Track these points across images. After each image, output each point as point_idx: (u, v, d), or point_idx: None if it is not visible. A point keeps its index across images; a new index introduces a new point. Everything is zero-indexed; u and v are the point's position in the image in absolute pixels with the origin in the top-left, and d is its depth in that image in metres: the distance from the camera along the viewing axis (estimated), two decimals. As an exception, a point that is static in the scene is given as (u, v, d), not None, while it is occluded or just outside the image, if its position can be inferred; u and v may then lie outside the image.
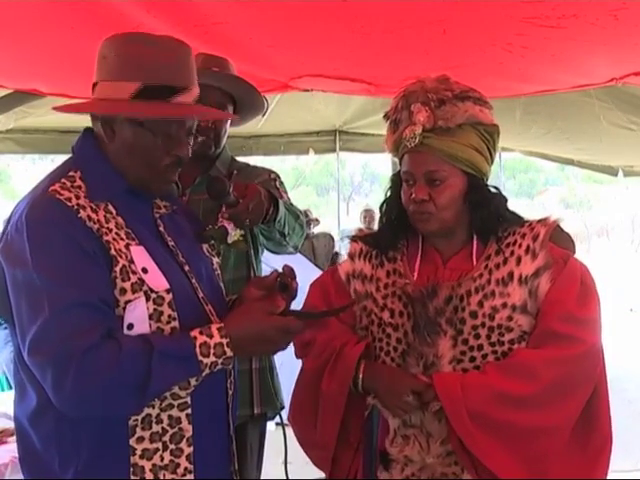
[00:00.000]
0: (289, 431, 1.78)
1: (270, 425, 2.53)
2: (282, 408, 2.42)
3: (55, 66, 3.23)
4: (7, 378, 4.78)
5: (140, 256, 1.49)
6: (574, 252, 1.89)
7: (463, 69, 2.77)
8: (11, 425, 1.80)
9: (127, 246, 1.48)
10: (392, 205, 1.86)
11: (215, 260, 1.75)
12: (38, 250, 1.40)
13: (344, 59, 3.04)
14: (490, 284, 1.73)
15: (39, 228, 1.42)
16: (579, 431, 1.70)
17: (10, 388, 4.43)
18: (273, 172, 2.46)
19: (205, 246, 1.74)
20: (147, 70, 1.48)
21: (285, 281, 1.65)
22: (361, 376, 1.76)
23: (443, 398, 1.66)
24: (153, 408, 1.48)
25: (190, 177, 2.37)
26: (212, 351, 1.45)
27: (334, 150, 7.10)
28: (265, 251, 2.49)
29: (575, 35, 2.57)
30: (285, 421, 1.84)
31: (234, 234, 2.01)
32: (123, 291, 1.45)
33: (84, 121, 1.61)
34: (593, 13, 2.36)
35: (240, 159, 2.56)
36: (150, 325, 1.47)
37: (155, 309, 1.48)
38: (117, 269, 1.45)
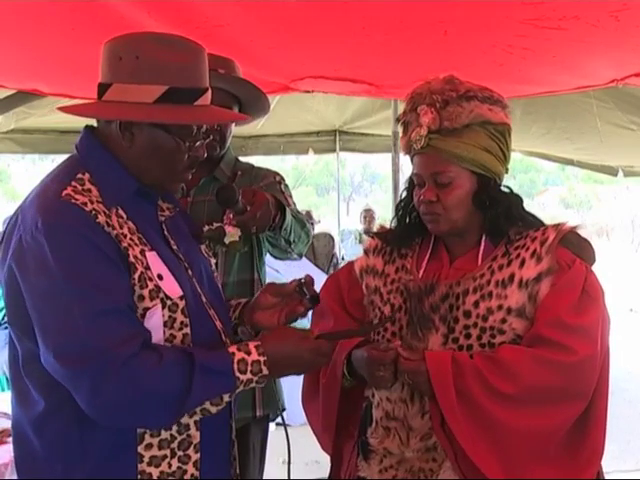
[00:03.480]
0: (289, 431, 1.78)
1: (270, 425, 2.53)
2: (283, 410, 2.43)
3: (56, 66, 3.23)
4: (7, 378, 4.77)
5: (155, 262, 1.48)
6: (594, 260, 1.81)
7: (464, 70, 2.76)
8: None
9: (142, 252, 1.46)
10: (406, 206, 1.87)
11: (212, 261, 1.74)
12: (63, 257, 1.37)
13: (345, 60, 3.04)
14: (489, 285, 1.72)
15: (60, 235, 1.38)
16: (568, 442, 1.67)
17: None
18: (278, 174, 2.46)
19: (203, 247, 1.73)
20: (171, 73, 1.45)
21: (312, 292, 1.66)
22: (345, 362, 1.78)
23: (432, 368, 1.64)
24: None
25: (194, 178, 2.36)
26: (249, 368, 1.45)
27: (334, 150, 7.10)
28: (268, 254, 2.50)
29: (576, 36, 2.56)
30: (287, 422, 1.85)
31: (230, 234, 2.02)
32: (141, 298, 1.43)
33: (85, 121, 1.57)
34: (594, 14, 2.36)
35: (241, 159, 2.56)
36: (164, 332, 1.46)
37: (170, 316, 1.47)
38: (136, 276, 1.43)
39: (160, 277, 1.47)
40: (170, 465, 1.48)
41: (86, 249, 1.38)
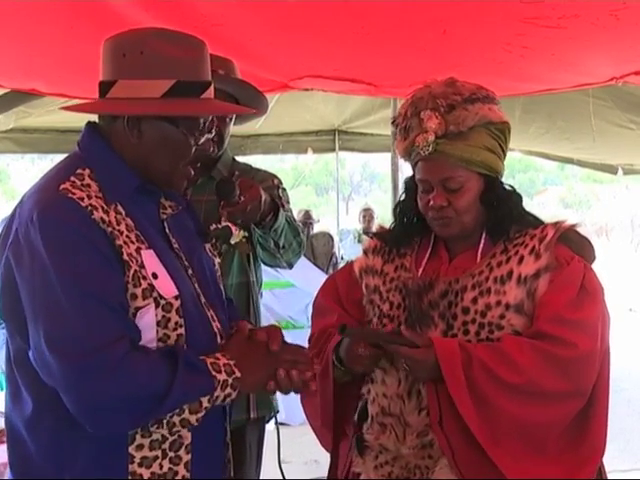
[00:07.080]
0: (289, 431, 1.78)
1: (270, 425, 2.54)
2: (277, 412, 2.45)
3: (54, 66, 3.23)
4: (7, 378, 4.75)
5: (150, 261, 1.46)
6: (594, 258, 1.81)
7: (463, 69, 2.76)
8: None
9: (138, 250, 1.45)
10: (406, 209, 1.87)
11: (217, 261, 1.73)
12: (56, 252, 1.36)
13: (344, 59, 3.04)
14: (488, 281, 1.72)
15: (54, 229, 1.37)
16: (569, 437, 1.67)
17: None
18: (276, 178, 2.46)
19: (208, 246, 1.72)
20: (178, 67, 1.45)
21: None
22: (335, 349, 1.79)
23: (441, 354, 1.64)
24: None
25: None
26: (222, 369, 1.45)
27: (333, 150, 7.10)
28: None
29: (575, 35, 2.57)
30: (283, 420, 1.85)
31: (237, 235, 2.02)
32: (133, 297, 1.42)
33: (85, 120, 1.56)
34: (593, 13, 2.37)
35: (239, 159, 2.56)
36: (157, 332, 1.45)
37: (163, 316, 1.45)
38: (129, 274, 1.42)
39: (155, 276, 1.45)
40: (161, 466, 1.47)
41: (79, 244, 1.37)
